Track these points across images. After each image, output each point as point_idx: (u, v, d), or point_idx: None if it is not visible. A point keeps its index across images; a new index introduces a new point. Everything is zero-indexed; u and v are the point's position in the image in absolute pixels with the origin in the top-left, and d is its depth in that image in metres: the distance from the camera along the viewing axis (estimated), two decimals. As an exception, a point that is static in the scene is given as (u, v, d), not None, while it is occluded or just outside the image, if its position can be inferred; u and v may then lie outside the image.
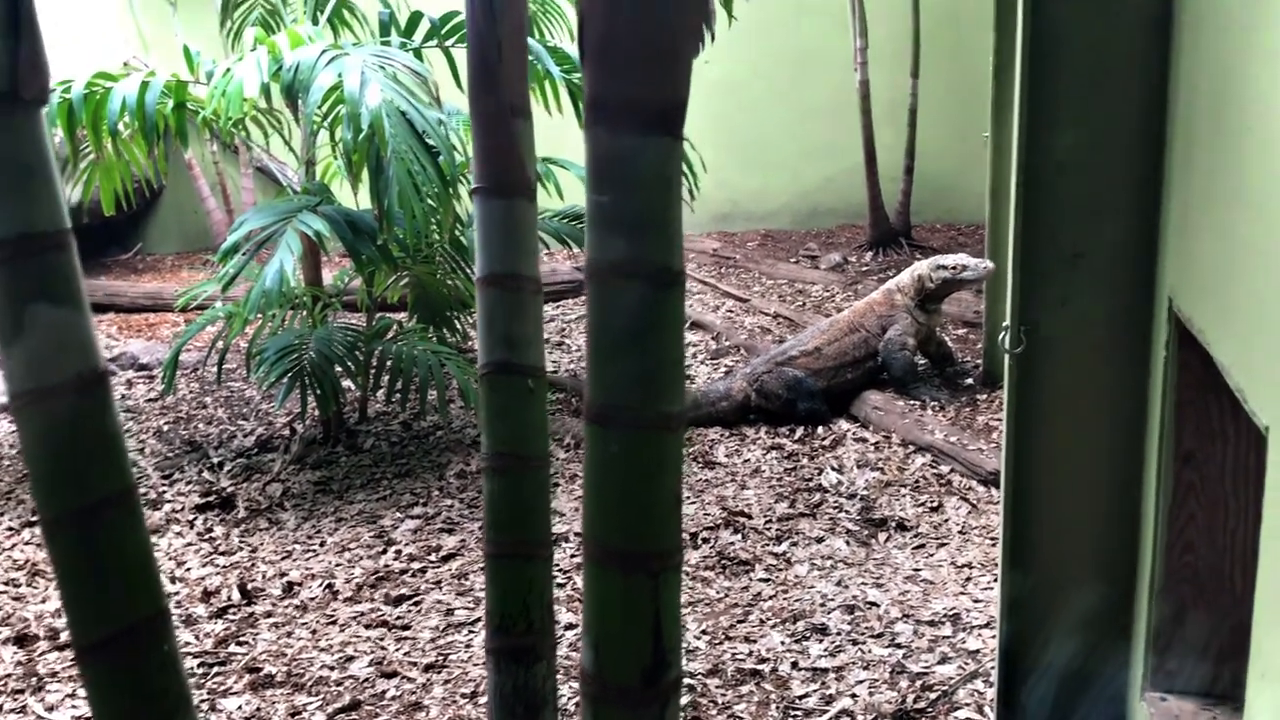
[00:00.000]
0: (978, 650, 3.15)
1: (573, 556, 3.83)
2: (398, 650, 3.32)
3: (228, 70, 4.00)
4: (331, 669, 3.23)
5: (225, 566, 3.88)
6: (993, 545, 3.74)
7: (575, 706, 2.89)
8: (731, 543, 3.88)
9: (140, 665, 1.23)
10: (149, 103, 4.05)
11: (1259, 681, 1.54)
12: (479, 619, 3.43)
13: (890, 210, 7.78)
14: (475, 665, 3.22)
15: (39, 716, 3.05)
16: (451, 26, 4.38)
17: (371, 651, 3.31)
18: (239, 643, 3.40)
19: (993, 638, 3.06)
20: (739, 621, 3.39)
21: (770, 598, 3.52)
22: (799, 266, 7.63)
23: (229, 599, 3.65)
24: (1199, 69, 1.92)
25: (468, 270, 4.83)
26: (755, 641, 3.27)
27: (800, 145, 8.54)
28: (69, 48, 7.41)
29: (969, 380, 5.29)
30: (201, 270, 7.93)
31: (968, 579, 3.58)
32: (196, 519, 4.25)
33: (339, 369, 4.61)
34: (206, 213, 8.28)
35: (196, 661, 3.29)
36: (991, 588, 3.46)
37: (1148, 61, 2.12)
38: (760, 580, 3.64)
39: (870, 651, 3.18)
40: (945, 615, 3.35)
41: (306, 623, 3.50)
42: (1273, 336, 1.48)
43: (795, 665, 3.13)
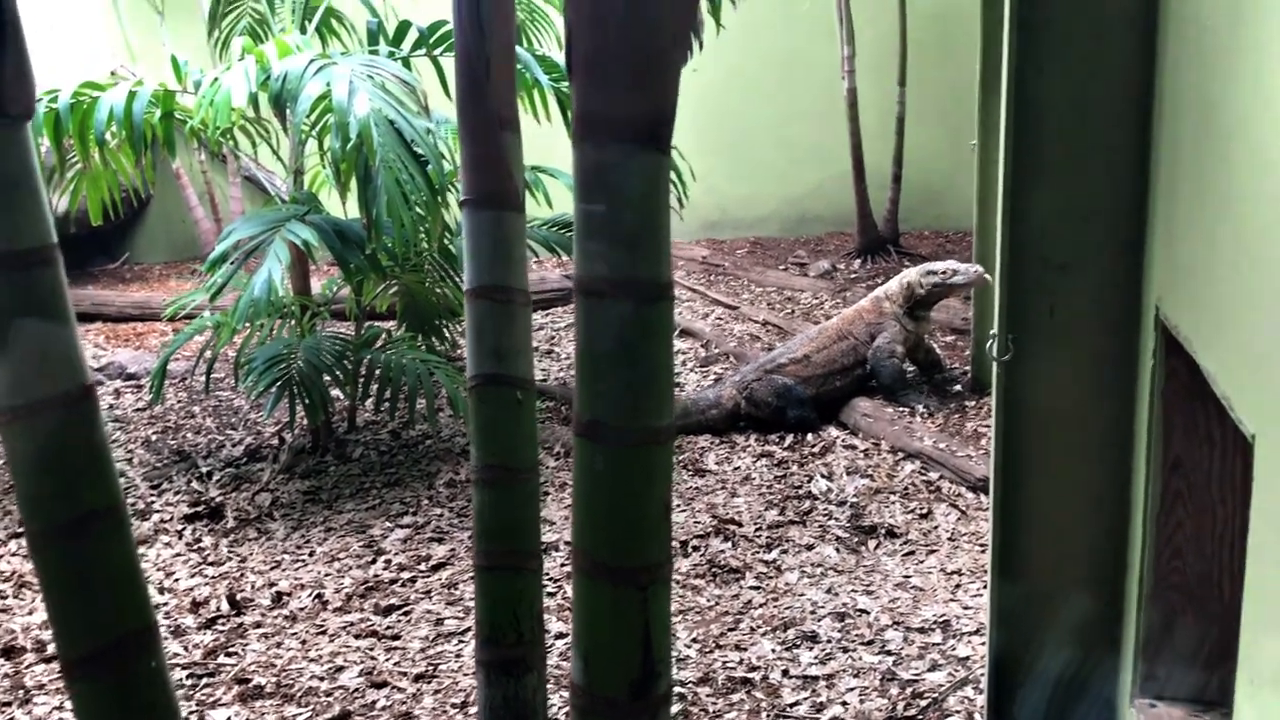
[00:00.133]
0: (968, 657, 3.15)
1: (563, 565, 3.83)
2: (388, 660, 3.31)
3: (215, 79, 3.99)
4: (321, 679, 3.22)
5: (214, 577, 3.87)
6: (982, 552, 3.75)
7: (565, 717, 2.89)
8: (722, 551, 3.88)
9: (127, 680, 1.23)
10: (136, 112, 4.04)
11: (1247, 687, 1.54)
12: (469, 628, 3.42)
13: (878, 218, 7.80)
14: (465, 675, 3.21)
15: (26, 730, 3.03)
16: (439, 36, 4.38)
17: (361, 662, 3.30)
18: (228, 654, 3.38)
19: (982, 644, 3.07)
20: (729, 629, 3.39)
21: (760, 605, 3.52)
22: (788, 274, 7.64)
23: (218, 609, 3.63)
24: (1184, 78, 1.94)
25: (456, 279, 4.82)
26: (746, 649, 3.27)
27: (788, 153, 8.55)
28: (55, 57, 7.39)
29: (957, 387, 5.30)
30: (189, 279, 7.90)
31: (957, 586, 3.58)
32: (185, 529, 4.24)
33: (327, 378, 4.60)
34: (194, 222, 8.26)
35: (185, 673, 3.27)
36: (981, 594, 3.46)
37: (1133, 71, 2.13)
38: (750, 588, 3.64)
39: (860, 659, 3.18)
40: (935, 622, 3.35)
41: (296, 633, 3.48)
42: (1259, 344, 1.49)
43: (786, 673, 3.13)
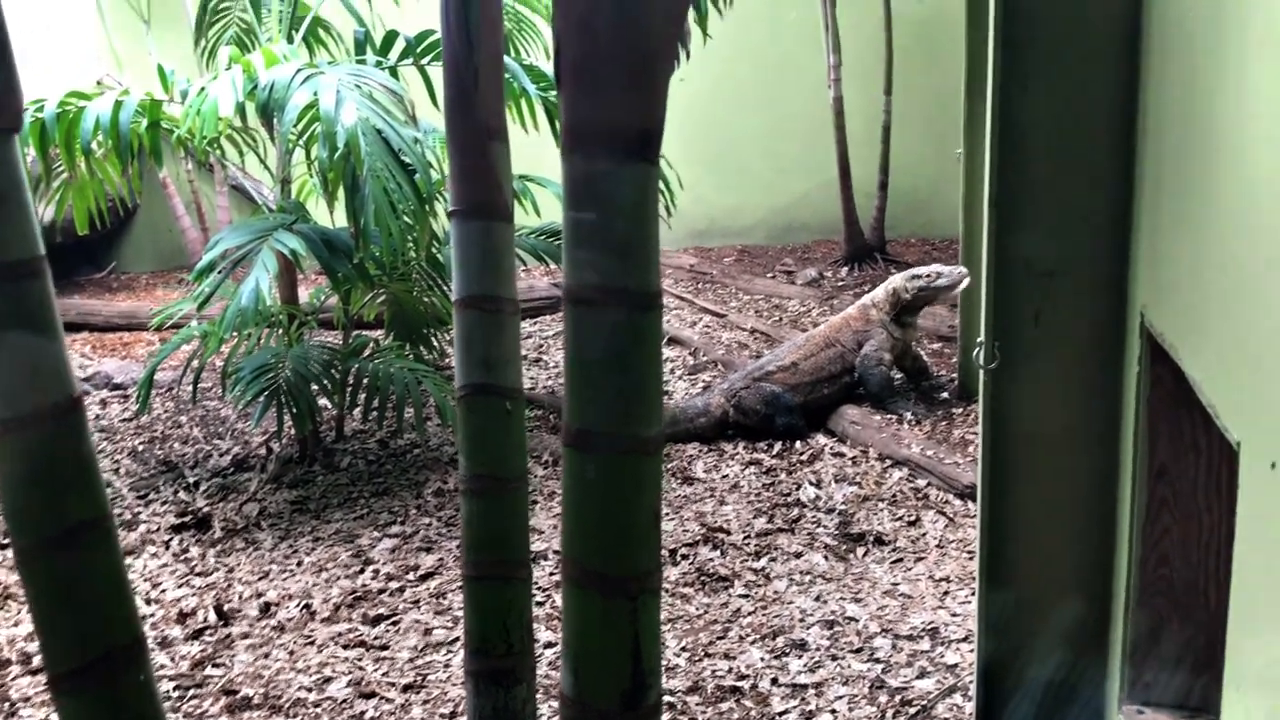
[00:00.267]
0: (956, 664, 3.16)
1: (552, 574, 3.82)
2: (376, 670, 3.30)
3: (203, 89, 3.99)
4: (309, 690, 3.21)
5: (201, 587, 3.85)
6: (970, 559, 3.76)
7: (555, 726, 2.89)
8: (710, 559, 3.88)
9: (115, 694, 1.23)
10: (123, 121, 4.03)
11: (1234, 693, 1.55)
12: (458, 638, 3.41)
13: (865, 226, 7.83)
14: (454, 685, 3.20)
15: (12, 743, 3.02)
16: (427, 45, 4.38)
17: (350, 672, 3.29)
18: (215, 665, 3.37)
19: (971, 652, 3.07)
20: (718, 638, 3.39)
21: (749, 614, 3.52)
22: (775, 282, 7.65)
23: (205, 620, 3.62)
24: (1167, 89, 1.95)
25: (444, 288, 4.82)
26: (735, 658, 3.27)
27: (775, 161, 8.58)
28: (41, 66, 7.37)
29: (944, 394, 5.32)
30: (176, 289, 7.88)
31: (945, 593, 3.59)
32: (172, 539, 4.22)
33: (315, 387, 4.59)
34: (181, 231, 8.23)
35: (172, 684, 3.26)
36: (969, 601, 3.47)
37: (1117, 83, 2.14)
38: (739, 596, 3.64)
39: (849, 667, 3.19)
40: (924, 629, 3.36)
41: (284, 644, 3.47)
42: (1244, 352, 1.50)
43: (775, 681, 3.13)
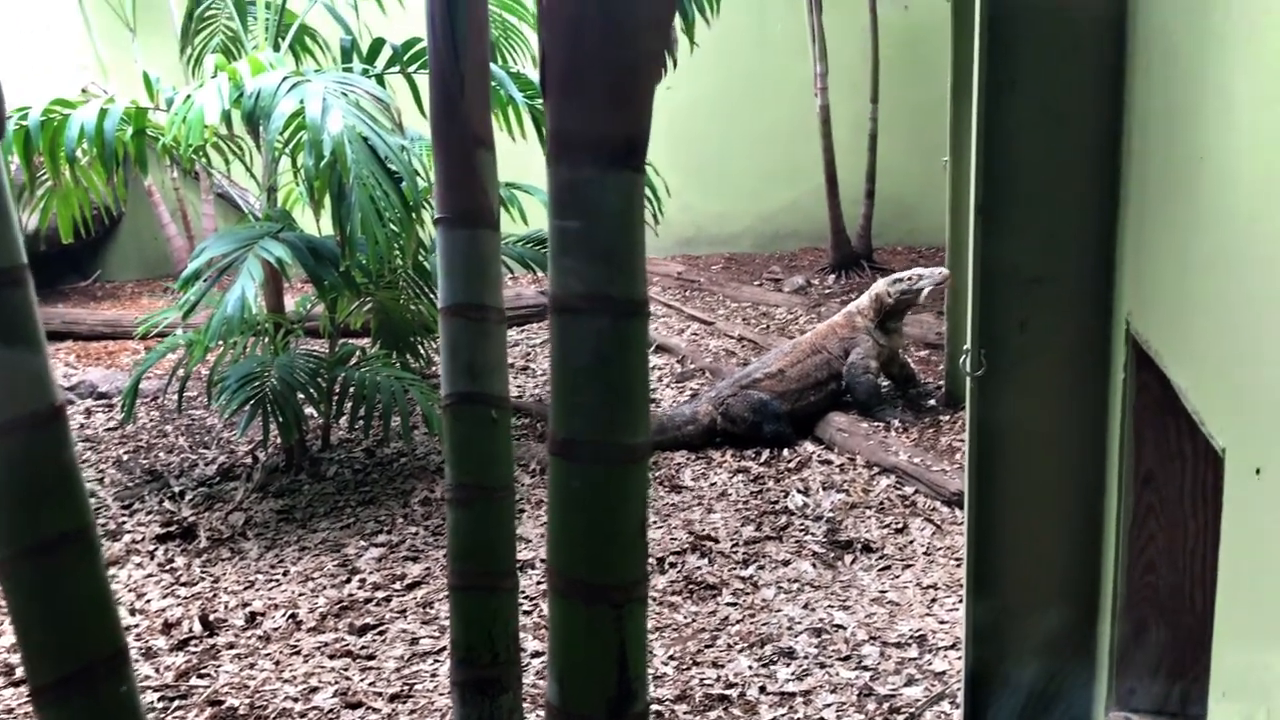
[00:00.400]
0: (944, 672, 3.16)
1: (539, 583, 3.81)
2: (362, 680, 3.28)
3: (188, 97, 3.97)
4: (295, 700, 3.19)
5: (186, 597, 3.83)
6: (957, 566, 3.76)
7: (542, 735, 2.87)
8: (698, 567, 3.88)
9: (98, 705, 1.22)
10: (108, 130, 4.01)
11: (1220, 700, 1.55)
12: (444, 648, 3.40)
13: (852, 233, 7.85)
14: (441, 695, 3.19)
15: (-6, 755, 2.99)
16: (414, 53, 4.38)
17: (336, 682, 3.27)
18: (200, 675, 3.35)
19: (959, 659, 3.07)
20: (706, 646, 3.38)
21: (737, 622, 3.52)
22: (762, 289, 7.67)
23: (190, 630, 3.60)
24: (1152, 96, 1.96)
25: (431, 296, 4.81)
26: (723, 666, 3.26)
27: (762, 169, 8.60)
28: (26, 74, 7.34)
29: (932, 401, 5.33)
30: (162, 297, 7.85)
31: (933, 600, 3.59)
32: (157, 549, 4.19)
33: (301, 396, 4.58)
34: (167, 239, 8.21)
35: (157, 695, 3.23)
36: (957, 609, 3.47)
37: (1103, 87, 2.15)
38: (727, 604, 3.64)
39: (838, 674, 3.19)
40: (911, 637, 3.36)
41: (270, 654, 3.45)
42: (1229, 359, 1.51)
43: (763, 689, 3.13)
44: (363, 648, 3.46)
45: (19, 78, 7.29)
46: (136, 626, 3.62)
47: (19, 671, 3.33)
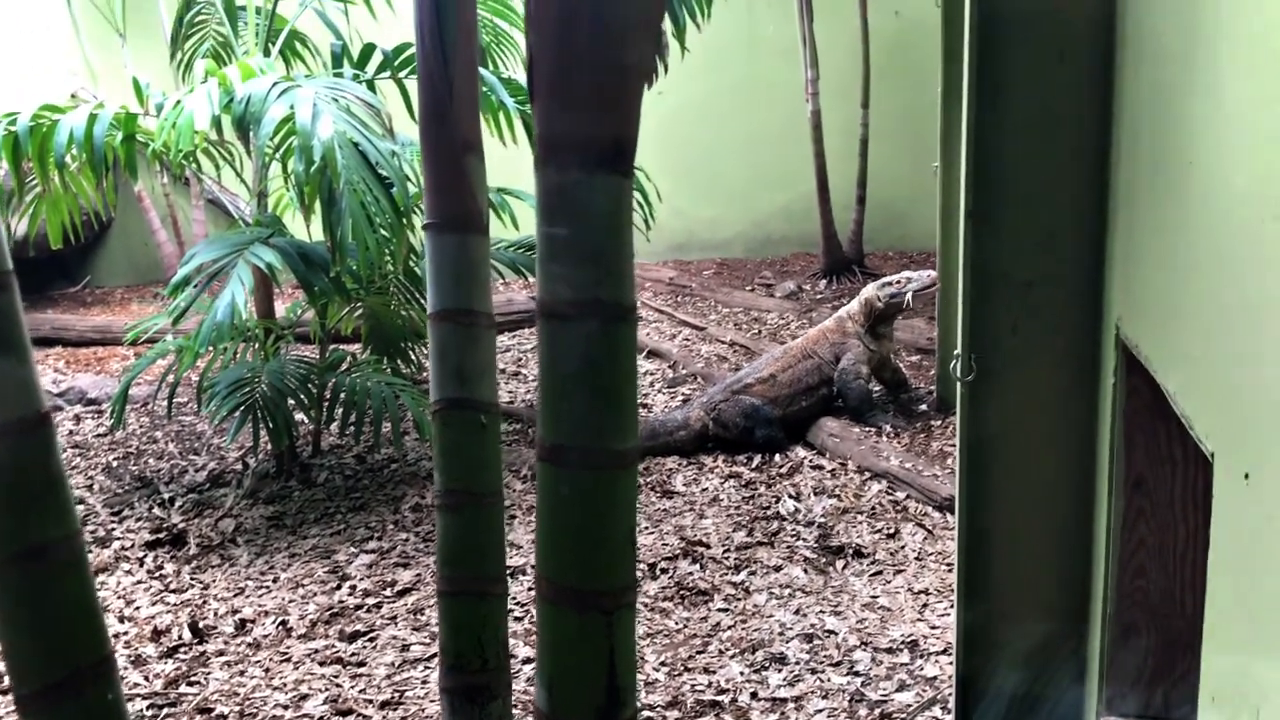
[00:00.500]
0: (935, 677, 3.16)
1: (530, 589, 3.80)
2: (353, 687, 3.27)
3: (178, 102, 3.96)
4: (285, 708, 3.18)
5: (176, 605, 3.81)
6: (949, 571, 3.76)
7: (533, 742, 2.87)
8: (690, 573, 3.87)
9: (84, 713, 1.21)
10: (97, 135, 4.00)
11: (1210, 704, 1.55)
12: (435, 654, 3.39)
13: (843, 238, 7.86)
14: (431, 702, 3.18)
15: (-18, 763, 2.97)
16: (404, 59, 4.38)
17: (326, 689, 3.26)
18: (190, 683, 3.33)
19: (950, 664, 3.07)
20: (698, 652, 3.38)
21: (729, 628, 3.51)
22: (754, 294, 7.67)
23: (180, 638, 3.58)
24: (1141, 100, 1.96)
25: (422, 301, 4.80)
26: (714, 672, 3.26)
27: (754, 175, 8.61)
28: (15, 79, 7.32)
29: (923, 406, 5.33)
30: (151, 303, 7.83)
31: (924, 605, 3.59)
32: (146, 556, 4.18)
33: (292, 402, 4.56)
34: (157, 245, 8.17)
35: (146, 703, 3.22)
36: (948, 614, 3.47)
37: (1092, 92, 2.16)
38: (719, 610, 3.63)
39: (829, 680, 3.18)
40: (903, 642, 3.36)
41: (260, 661, 3.44)
42: (1217, 363, 1.51)
43: (755, 695, 3.12)
44: (353, 654, 3.45)
45: (8, 83, 7.28)
46: (125, 634, 3.61)
47: (4, 680, 3.31)
